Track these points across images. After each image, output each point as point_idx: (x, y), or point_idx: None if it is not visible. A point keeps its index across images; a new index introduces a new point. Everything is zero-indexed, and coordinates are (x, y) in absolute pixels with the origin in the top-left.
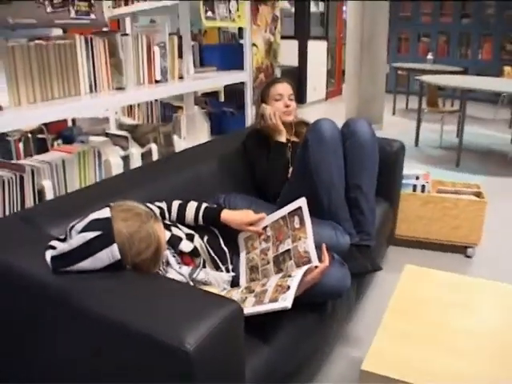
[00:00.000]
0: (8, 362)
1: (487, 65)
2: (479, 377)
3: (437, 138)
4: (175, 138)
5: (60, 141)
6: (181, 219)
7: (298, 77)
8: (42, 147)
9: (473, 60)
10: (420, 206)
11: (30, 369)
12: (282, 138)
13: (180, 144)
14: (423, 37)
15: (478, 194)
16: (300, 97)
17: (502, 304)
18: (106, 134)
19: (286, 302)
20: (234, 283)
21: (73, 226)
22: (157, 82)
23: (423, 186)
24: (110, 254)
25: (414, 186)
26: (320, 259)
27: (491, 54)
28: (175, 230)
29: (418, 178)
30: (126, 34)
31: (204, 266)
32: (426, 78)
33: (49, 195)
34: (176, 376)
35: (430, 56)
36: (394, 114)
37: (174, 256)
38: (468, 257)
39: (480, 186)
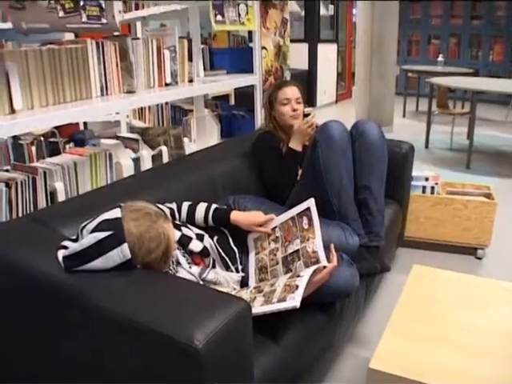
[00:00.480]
0: (14, 361)
1: (498, 66)
2: (486, 376)
3: (447, 140)
4: (185, 140)
5: (72, 144)
6: (191, 220)
7: (307, 80)
8: (54, 150)
9: (484, 62)
10: (429, 208)
11: (39, 367)
12: (299, 148)
13: (190, 146)
14: (433, 39)
15: (488, 196)
16: (310, 100)
17: (511, 304)
18: (117, 137)
19: (295, 301)
20: (244, 283)
21: (84, 226)
22: (167, 85)
23: (432, 188)
24: (120, 254)
25: (424, 188)
26: (328, 259)
27: (502, 55)
28: (185, 230)
29: (427, 179)
30: (137, 38)
31: (214, 266)
32: (436, 79)
33: (61, 197)
34: (185, 373)
35: (440, 58)
36: (404, 116)
37: (184, 256)
38: (478, 258)
39: (490, 188)
